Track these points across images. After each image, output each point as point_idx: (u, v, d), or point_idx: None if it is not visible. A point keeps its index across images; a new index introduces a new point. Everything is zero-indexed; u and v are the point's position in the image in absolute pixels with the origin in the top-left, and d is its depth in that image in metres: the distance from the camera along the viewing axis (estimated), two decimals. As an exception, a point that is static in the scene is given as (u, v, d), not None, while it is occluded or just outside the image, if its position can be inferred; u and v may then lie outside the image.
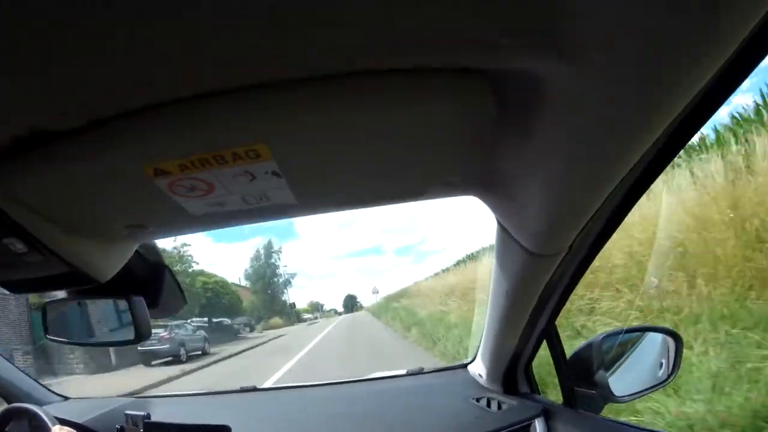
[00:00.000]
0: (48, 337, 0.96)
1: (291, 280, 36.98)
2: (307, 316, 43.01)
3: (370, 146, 0.46)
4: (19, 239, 0.56)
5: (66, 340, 1.01)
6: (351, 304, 64.61)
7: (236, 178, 0.47)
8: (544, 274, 0.74)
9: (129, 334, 0.82)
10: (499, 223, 0.70)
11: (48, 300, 0.97)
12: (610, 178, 0.51)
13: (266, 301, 32.22)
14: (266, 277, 33.74)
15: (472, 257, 14.90)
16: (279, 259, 35.02)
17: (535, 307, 0.83)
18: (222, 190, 0.50)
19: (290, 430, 0.97)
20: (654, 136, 0.44)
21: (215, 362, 11.04)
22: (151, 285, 0.85)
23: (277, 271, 34.90)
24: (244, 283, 32.32)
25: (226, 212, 0.56)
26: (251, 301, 29.76)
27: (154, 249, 0.87)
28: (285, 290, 36.17)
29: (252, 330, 24.41)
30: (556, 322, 0.90)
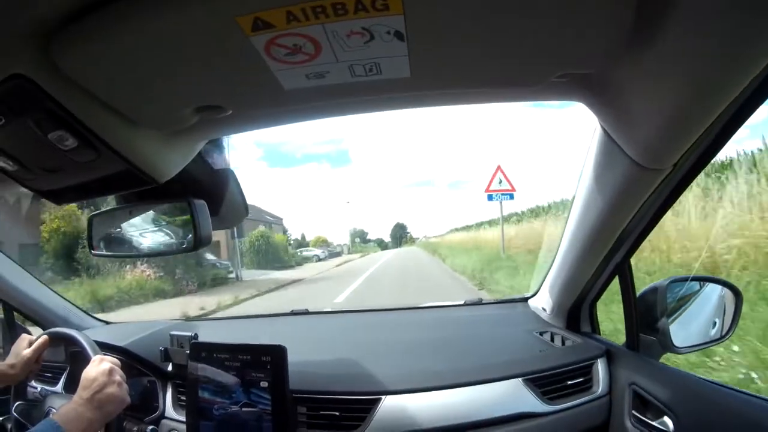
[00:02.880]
0: (93, 252, 0.91)
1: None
2: (308, 253, 30.97)
3: (507, 15, 0.41)
4: (69, 132, 0.48)
5: (114, 253, 0.96)
6: (400, 234, 58.44)
7: (351, 37, 0.41)
8: (645, 189, 0.71)
9: (187, 240, 0.77)
10: (603, 130, 0.67)
11: (94, 213, 0.93)
12: (729, 90, 0.50)
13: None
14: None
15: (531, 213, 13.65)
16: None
17: (621, 233, 0.80)
18: (329, 54, 0.43)
19: (344, 353, 0.95)
20: None
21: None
22: (213, 189, 0.80)
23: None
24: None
25: (325, 88, 0.49)
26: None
27: (220, 149, 0.81)
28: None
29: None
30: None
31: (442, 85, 0.56)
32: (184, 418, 1.03)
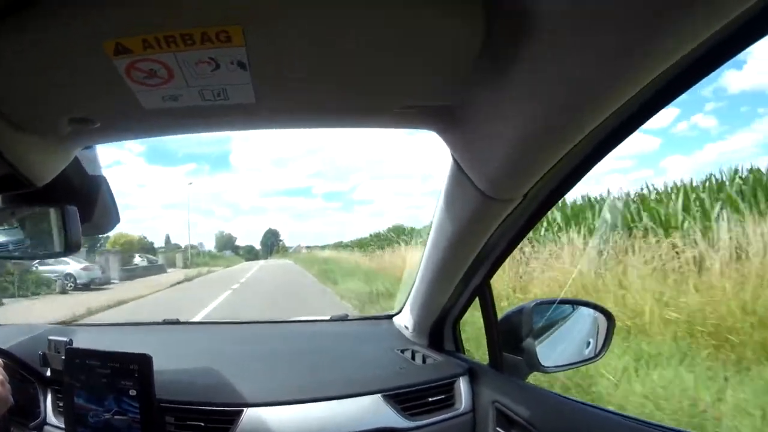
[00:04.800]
0: None
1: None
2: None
3: (348, 49, 0.45)
4: None
5: None
6: (271, 242, 52.02)
7: (199, 65, 0.45)
8: (493, 220, 0.73)
9: (57, 245, 0.79)
10: (454, 161, 0.69)
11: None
12: (578, 130, 0.51)
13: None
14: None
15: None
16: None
17: (475, 258, 0.82)
18: (180, 80, 0.48)
19: (211, 364, 0.95)
20: (631, 93, 0.44)
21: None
22: (87, 196, 0.82)
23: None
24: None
25: (180, 109, 0.54)
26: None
27: (94, 158, 0.84)
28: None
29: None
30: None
31: (288, 111, 0.60)
32: (63, 425, 1.02)
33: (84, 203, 0.81)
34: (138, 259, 22.28)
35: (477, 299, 0.91)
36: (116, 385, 0.97)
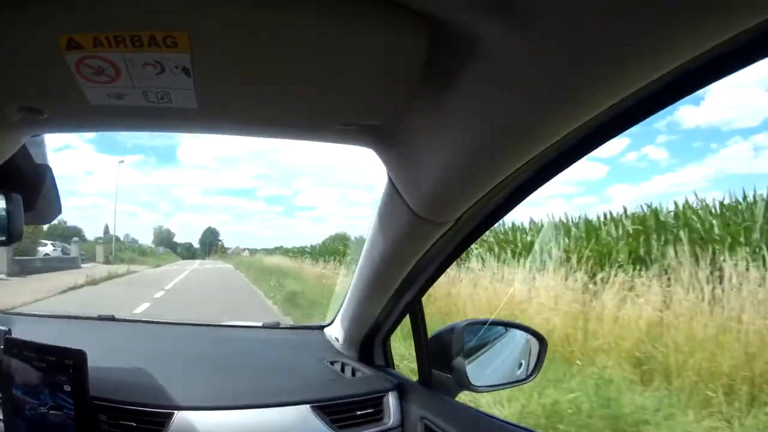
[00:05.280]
0: None
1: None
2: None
3: (290, 61, 0.47)
4: None
5: None
6: (210, 241, 48.98)
7: (145, 67, 0.47)
8: (425, 240, 0.75)
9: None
10: (389, 179, 0.71)
11: None
12: (515, 158, 0.53)
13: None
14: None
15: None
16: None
17: (406, 276, 0.85)
18: (126, 79, 0.49)
19: (145, 364, 0.97)
20: (569, 128, 0.46)
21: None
22: (31, 185, 0.83)
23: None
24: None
25: (124, 107, 0.56)
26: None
27: (42, 146, 0.85)
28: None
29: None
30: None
31: (229, 119, 0.62)
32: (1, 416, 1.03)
33: (28, 192, 0.83)
34: (48, 248, 18.52)
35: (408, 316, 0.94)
36: (52, 380, 0.98)
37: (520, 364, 1.06)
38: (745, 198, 4.99)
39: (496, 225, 0.80)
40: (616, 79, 0.39)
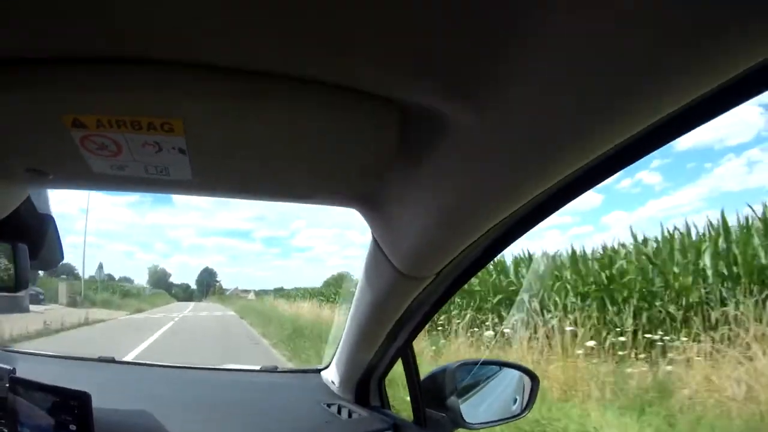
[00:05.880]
0: None
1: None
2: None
3: (275, 146, 0.51)
4: None
5: None
6: (207, 282, 47.37)
7: (144, 146, 0.51)
8: (408, 295, 0.79)
9: (7, 281, 0.83)
10: (374, 238, 0.75)
11: None
12: (487, 221, 0.57)
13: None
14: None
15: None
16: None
17: (395, 324, 0.88)
18: (128, 155, 0.53)
19: (144, 406, 0.99)
20: (531, 195, 0.50)
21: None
22: (36, 235, 0.86)
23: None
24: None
25: (126, 177, 0.59)
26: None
27: (45, 198, 0.88)
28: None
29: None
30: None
31: (222, 189, 0.68)
32: None
33: (32, 241, 0.86)
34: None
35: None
36: (57, 419, 1.00)
37: (515, 400, 1.08)
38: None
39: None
40: (572, 146, 0.42)
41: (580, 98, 0.36)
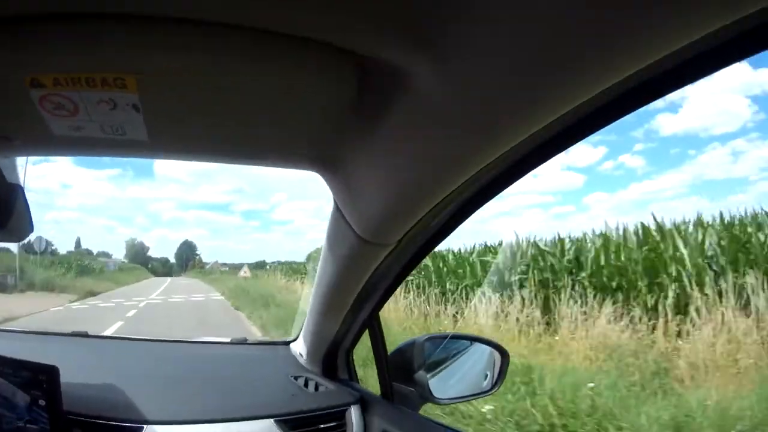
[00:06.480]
0: None
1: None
2: None
3: (231, 101, 0.51)
4: None
5: None
6: (186, 255, 45.66)
7: (100, 104, 0.51)
8: (370, 262, 0.79)
9: None
10: (335, 203, 0.74)
11: None
12: (448, 183, 0.56)
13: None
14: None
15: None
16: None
17: (358, 294, 0.88)
18: (84, 114, 0.54)
19: (116, 379, 1.00)
20: (493, 156, 0.49)
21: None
22: (2, 205, 0.84)
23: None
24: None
25: (84, 138, 0.60)
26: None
27: (13, 166, 0.88)
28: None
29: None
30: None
31: (178, 149, 0.68)
32: None
33: (1, 211, 0.87)
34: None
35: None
36: (28, 394, 1.01)
37: (486, 376, 1.08)
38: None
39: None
40: (540, 105, 0.41)
41: (545, 53, 0.35)
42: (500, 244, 7.38)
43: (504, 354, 1.07)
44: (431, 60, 0.39)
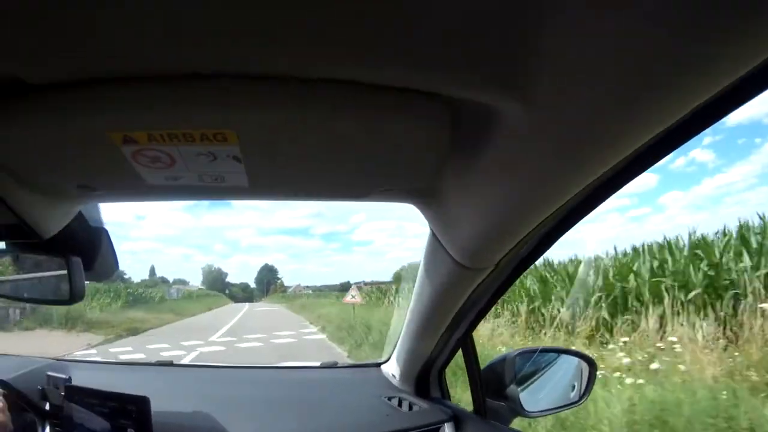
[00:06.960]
0: None
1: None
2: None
3: (329, 149, 0.51)
4: None
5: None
6: (267, 279, 45.95)
7: (198, 156, 0.50)
8: (468, 286, 0.78)
9: (63, 294, 0.84)
10: (432, 231, 0.75)
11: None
12: (543, 209, 0.56)
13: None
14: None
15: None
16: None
17: (455, 316, 0.87)
18: (182, 166, 0.52)
19: (203, 408, 0.99)
20: (585, 182, 0.49)
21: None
22: (89, 247, 0.87)
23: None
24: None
25: (180, 186, 0.59)
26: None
27: (97, 211, 0.88)
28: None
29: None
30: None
31: (277, 192, 0.68)
32: None
33: (86, 253, 0.87)
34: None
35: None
36: (115, 424, 1.00)
37: (573, 387, 1.06)
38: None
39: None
40: (624, 132, 0.41)
41: (625, 84, 0.35)
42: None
43: (591, 364, 1.05)
44: (519, 99, 0.40)
